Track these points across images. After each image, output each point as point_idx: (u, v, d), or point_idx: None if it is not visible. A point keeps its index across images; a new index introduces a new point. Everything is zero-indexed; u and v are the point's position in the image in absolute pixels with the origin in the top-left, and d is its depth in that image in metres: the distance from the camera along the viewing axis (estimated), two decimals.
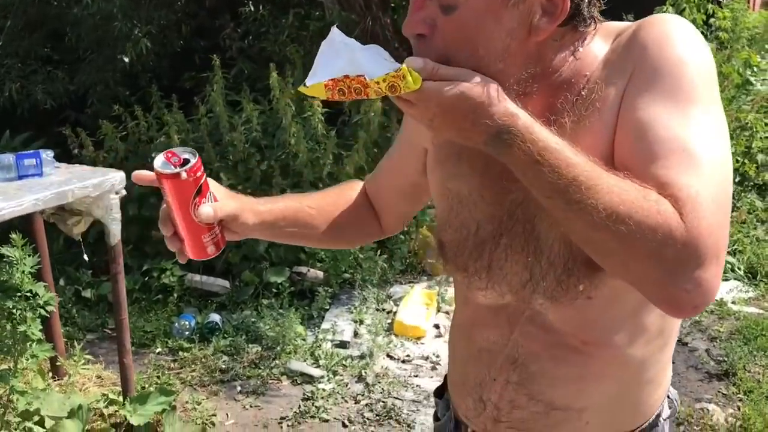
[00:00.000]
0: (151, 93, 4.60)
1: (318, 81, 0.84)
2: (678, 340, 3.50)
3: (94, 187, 2.52)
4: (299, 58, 4.79)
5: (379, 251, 4.07)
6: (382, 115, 4.24)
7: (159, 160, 0.96)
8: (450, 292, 3.80)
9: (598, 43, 0.93)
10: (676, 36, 0.87)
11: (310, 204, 1.21)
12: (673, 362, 3.48)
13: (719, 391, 3.13)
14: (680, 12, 4.99)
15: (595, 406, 1.05)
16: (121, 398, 2.78)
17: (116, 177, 2.60)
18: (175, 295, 3.71)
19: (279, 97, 4.09)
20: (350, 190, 1.30)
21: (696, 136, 0.82)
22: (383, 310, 3.75)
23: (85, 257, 2.91)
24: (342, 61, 0.84)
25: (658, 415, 1.12)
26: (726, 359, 3.31)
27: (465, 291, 1.11)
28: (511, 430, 1.07)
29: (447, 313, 3.75)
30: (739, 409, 2.98)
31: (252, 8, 5.49)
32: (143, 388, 2.84)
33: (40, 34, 5.45)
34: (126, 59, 5.01)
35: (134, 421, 2.68)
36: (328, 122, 4.18)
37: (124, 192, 2.63)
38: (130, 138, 4.40)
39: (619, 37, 0.92)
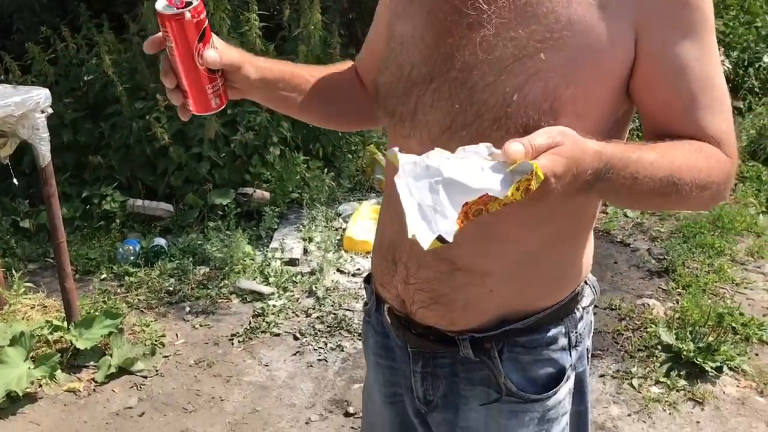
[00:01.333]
0: (80, 14, 4.36)
1: (438, 233, 0.72)
2: (620, 242, 3.60)
3: (16, 105, 2.40)
4: None
5: (326, 170, 4.03)
6: (322, 29, 4.12)
7: (161, 3, 0.91)
8: None
9: None
10: None
11: (311, 72, 1.16)
12: (615, 262, 3.57)
13: (659, 287, 3.23)
14: None
15: (499, 273, 1.03)
16: (65, 324, 2.73)
17: (40, 94, 2.47)
18: (118, 221, 3.62)
19: (213, 12, 3.92)
20: (345, 66, 1.24)
21: (717, 69, 0.92)
22: (333, 227, 3.73)
23: (15, 181, 2.80)
24: (439, 193, 0.72)
25: (575, 299, 1.10)
26: (666, 257, 3.41)
27: (392, 141, 1.08)
28: (420, 292, 1.06)
29: None
30: (677, 302, 3.09)
31: None
32: (89, 313, 2.79)
33: None
34: None
35: (80, 345, 2.66)
36: (266, 37, 4.04)
37: (50, 110, 2.51)
38: (60, 62, 4.20)
39: None
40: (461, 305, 1.05)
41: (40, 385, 2.57)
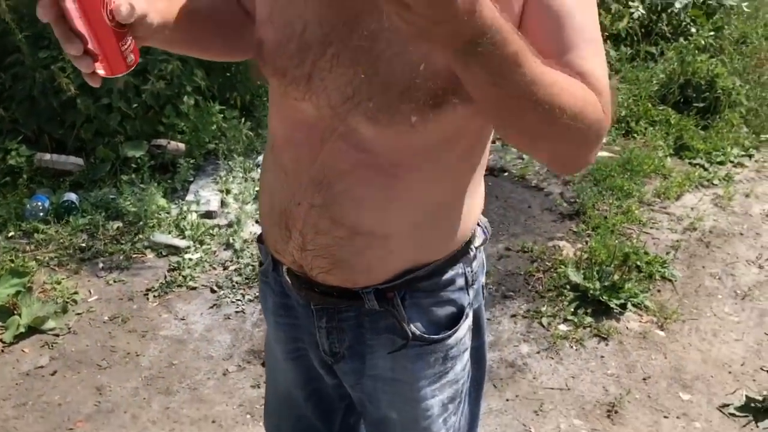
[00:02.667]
0: None
1: None
2: (534, 186, 3.69)
3: None
4: None
5: (243, 119, 3.95)
6: None
7: None
8: None
9: None
10: None
11: (201, 7, 1.09)
12: (529, 206, 3.66)
13: (570, 230, 3.34)
14: None
15: (400, 234, 1.04)
16: None
17: None
18: (25, 176, 3.48)
19: None
20: None
21: (594, 19, 0.90)
22: (251, 179, 3.69)
23: None
24: None
25: (469, 242, 1.14)
26: (577, 200, 3.52)
27: (279, 102, 1.05)
28: (318, 258, 1.06)
29: None
30: (586, 243, 3.21)
31: None
32: None
33: None
34: None
35: None
36: None
37: None
38: None
39: None
40: (363, 268, 1.07)
41: None
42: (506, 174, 3.77)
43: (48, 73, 3.52)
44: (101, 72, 0.90)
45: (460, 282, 1.14)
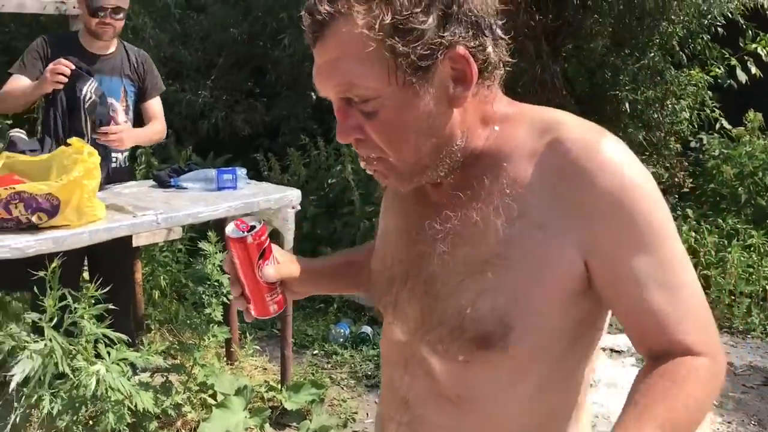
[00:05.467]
0: (332, 127, 5.15)
1: None
2: None
3: (275, 201, 3.00)
4: None
5: None
6: None
7: (230, 227, 1.07)
8: None
9: (521, 130, 0.93)
10: (628, 171, 0.86)
11: (359, 254, 1.26)
12: None
13: None
14: None
15: None
16: (279, 386, 3.21)
17: (294, 194, 3.07)
18: (335, 305, 4.14)
19: None
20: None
21: (683, 273, 0.88)
22: None
23: None
24: None
25: None
26: None
27: (384, 324, 1.14)
28: None
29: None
30: None
31: None
32: (299, 380, 3.25)
33: (246, 71, 6.26)
34: (314, 96, 5.64)
35: (288, 405, 3.10)
36: None
37: (298, 207, 3.09)
38: (311, 165, 4.97)
39: (551, 145, 0.90)
40: None
41: None
42: None
43: (371, 224, 4.24)
44: (252, 312, 1.13)
45: None
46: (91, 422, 2.57)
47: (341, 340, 3.85)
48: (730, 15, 5.20)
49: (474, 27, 0.87)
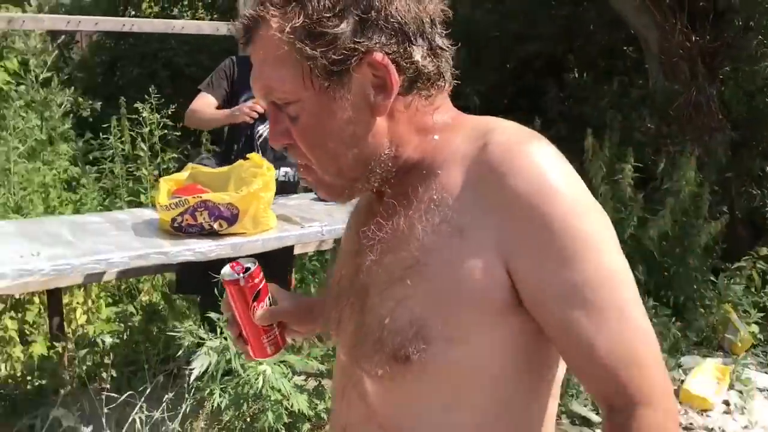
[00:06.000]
0: None
1: None
2: None
3: None
4: (617, 123, 5.01)
5: (674, 318, 4.08)
6: (695, 185, 4.28)
7: (226, 269, 1.08)
8: (746, 372, 3.69)
9: (458, 137, 0.90)
10: (548, 175, 0.81)
11: None
12: None
13: None
14: None
15: None
16: None
17: None
18: None
19: (591, 159, 4.36)
20: None
21: (621, 292, 0.82)
22: (672, 377, 3.76)
23: None
24: None
25: None
26: None
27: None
28: None
29: (740, 392, 3.65)
30: None
31: (576, 74, 5.87)
32: None
33: None
34: None
35: None
36: (637, 186, 4.34)
37: None
38: None
39: (480, 150, 0.86)
40: None
41: None
42: None
43: None
44: (250, 353, 1.14)
45: None
46: (250, 419, 2.73)
47: None
48: None
49: (397, 34, 0.84)
